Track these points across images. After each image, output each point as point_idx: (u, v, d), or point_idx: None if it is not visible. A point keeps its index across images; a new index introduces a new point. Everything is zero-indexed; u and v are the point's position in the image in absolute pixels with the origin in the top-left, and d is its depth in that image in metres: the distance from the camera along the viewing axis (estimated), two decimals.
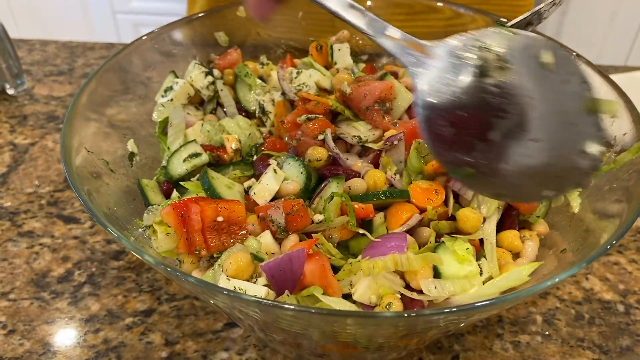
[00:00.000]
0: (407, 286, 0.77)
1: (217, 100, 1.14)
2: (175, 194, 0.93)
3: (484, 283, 0.76)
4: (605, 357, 1.02)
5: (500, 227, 0.87)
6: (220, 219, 0.78)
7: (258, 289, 0.71)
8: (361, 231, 0.80)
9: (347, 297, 0.77)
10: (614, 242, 0.68)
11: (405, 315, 0.61)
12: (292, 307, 0.60)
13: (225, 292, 0.61)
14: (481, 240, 0.85)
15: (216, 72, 1.15)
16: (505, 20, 1.01)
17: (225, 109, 1.13)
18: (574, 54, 1.08)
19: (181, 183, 0.91)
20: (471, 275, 0.75)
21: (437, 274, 0.76)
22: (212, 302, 0.70)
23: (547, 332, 1.05)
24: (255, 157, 0.99)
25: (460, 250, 0.76)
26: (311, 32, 1.25)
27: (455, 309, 0.61)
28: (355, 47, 1.33)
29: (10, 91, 1.64)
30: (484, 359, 1.00)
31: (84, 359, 0.97)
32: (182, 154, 0.97)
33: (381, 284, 0.74)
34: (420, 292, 0.75)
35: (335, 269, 0.79)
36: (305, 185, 0.85)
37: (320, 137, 0.92)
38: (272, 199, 0.86)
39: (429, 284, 0.73)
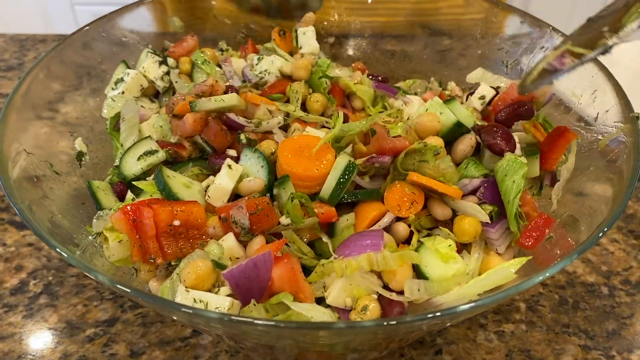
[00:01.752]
0: (386, 286, 0.71)
1: (173, 92, 1.06)
2: (129, 195, 0.85)
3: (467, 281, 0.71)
4: (591, 343, 0.98)
5: None
6: (176, 223, 0.71)
7: (221, 300, 0.64)
8: (324, 238, 0.74)
9: (321, 300, 0.71)
10: (605, 229, 0.63)
11: (385, 323, 0.55)
12: (260, 322, 0.53)
13: (182, 310, 0.55)
14: None
15: (171, 61, 1.07)
16: None
17: None
18: (550, 27, 1.03)
19: (134, 183, 0.83)
20: (459, 273, 0.69)
21: (421, 275, 0.70)
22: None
23: (531, 320, 1.01)
24: None
25: (443, 249, 0.71)
26: (273, 14, 1.17)
27: (439, 314, 0.55)
28: (321, 29, 1.26)
29: None
30: (469, 352, 0.96)
31: None
32: (136, 151, 0.89)
33: (356, 285, 0.69)
34: (400, 292, 0.69)
35: (307, 271, 0.73)
36: (269, 181, 0.79)
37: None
38: (234, 198, 0.79)
39: (412, 286, 0.68)
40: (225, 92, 0.88)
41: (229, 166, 0.79)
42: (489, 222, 0.76)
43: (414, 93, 1.12)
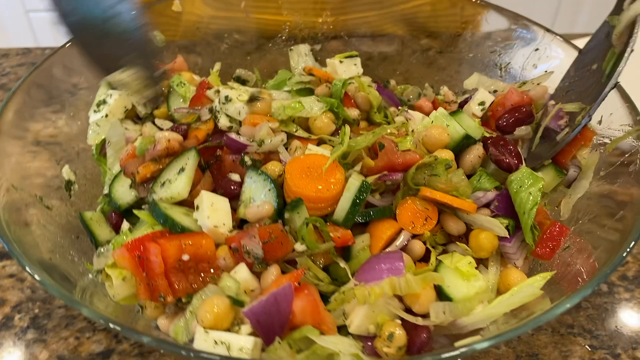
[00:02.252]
0: (407, 309, 0.69)
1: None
2: (125, 225, 0.81)
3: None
4: (597, 342, 0.99)
5: None
6: (185, 257, 0.68)
7: (244, 341, 0.61)
8: (342, 264, 0.71)
9: (341, 328, 0.68)
10: (633, 243, 0.62)
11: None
12: None
13: (207, 355, 0.51)
14: None
15: None
16: None
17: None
18: (544, 29, 1.03)
19: (135, 212, 0.78)
20: (481, 291, 0.68)
21: (444, 295, 0.68)
22: None
23: None
24: None
25: (464, 267, 0.69)
26: (258, 23, 1.13)
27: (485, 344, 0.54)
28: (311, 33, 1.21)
29: None
30: (476, 359, 0.95)
31: None
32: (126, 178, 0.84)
33: (379, 311, 0.66)
34: (423, 315, 0.67)
35: (323, 297, 0.70)
36: (278, 205, 0.75)
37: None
38: (240, 224, 0.75)
39: (438, 309, 0.66)
40: (181, 152, 0.82)
41: (210, 203, 0.74)
42: (508, 236, 0.75)
43: (407, 99, 1.09)
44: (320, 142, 0.87)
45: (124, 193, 0.82)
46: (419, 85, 1.18)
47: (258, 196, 0.76)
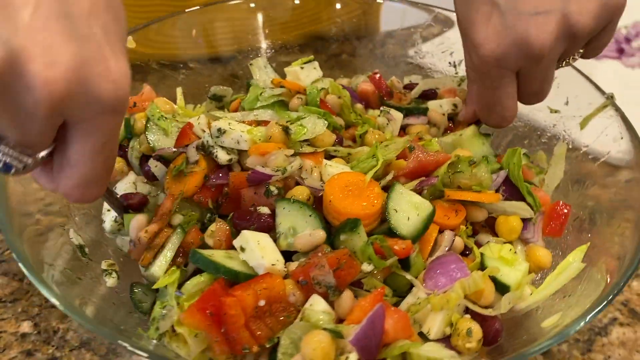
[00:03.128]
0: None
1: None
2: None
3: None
4: None
5: None
6: (262, 303, 0.66)
7: None
8: (408, 276, 0.74)
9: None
10: None
11: None
12: None
13: None
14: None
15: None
16: None
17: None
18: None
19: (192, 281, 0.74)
20: (526, 273, 0.75)
21: (500, 285, 0.74)
22: None
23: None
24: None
25: (506, 254, 0.76)
26: (212, 47, 1.10)
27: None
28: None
29: None
30: None
31: None
32: None
33: (451, 312, 0.71)
34: (486, 307, 0.73)
35: None
36: (326, 230, 0.75)
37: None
38: (288, 256, 0.75)
39: (505, 300, 0.72)
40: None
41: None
42: (533, 216, 0.83)
43: (355, 87, 1.10)
44: (328, 156, 0.88)
45: (158, 268, 0.77)
46: None
47: (300, 224, 0.75)
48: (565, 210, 0.85)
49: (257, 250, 0.72)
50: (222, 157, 0.85)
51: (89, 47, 0.49)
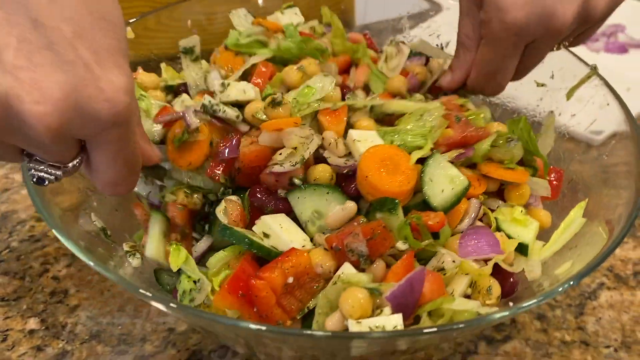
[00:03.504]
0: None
1: None
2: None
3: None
4: None
5: None
6: (290, 280, 0.67)
7: (394, 320, 0.63)
8: (443, 250, 0.74)
9: None
10: None
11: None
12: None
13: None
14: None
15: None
16: None
17: None
18: None
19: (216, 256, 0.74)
20: (537, 231, 0.79)
21: (519, 245, 0.78)
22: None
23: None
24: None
25: (519, 216, 0.79)
26: (207, 40, 1.08)
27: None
28: None
29: None
30: None
31: None
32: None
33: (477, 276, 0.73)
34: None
35: None
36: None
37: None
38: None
39: (531, 267, 0.76)
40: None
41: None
42: (550, 195, 0.86)
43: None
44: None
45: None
46: None
47: (322, 205, 0.74)
48: (558, 172, 0.90)
49: (283, 235, 0.72)
50: (231, 113, 0.81)
51: (76, 72, 0.49)
